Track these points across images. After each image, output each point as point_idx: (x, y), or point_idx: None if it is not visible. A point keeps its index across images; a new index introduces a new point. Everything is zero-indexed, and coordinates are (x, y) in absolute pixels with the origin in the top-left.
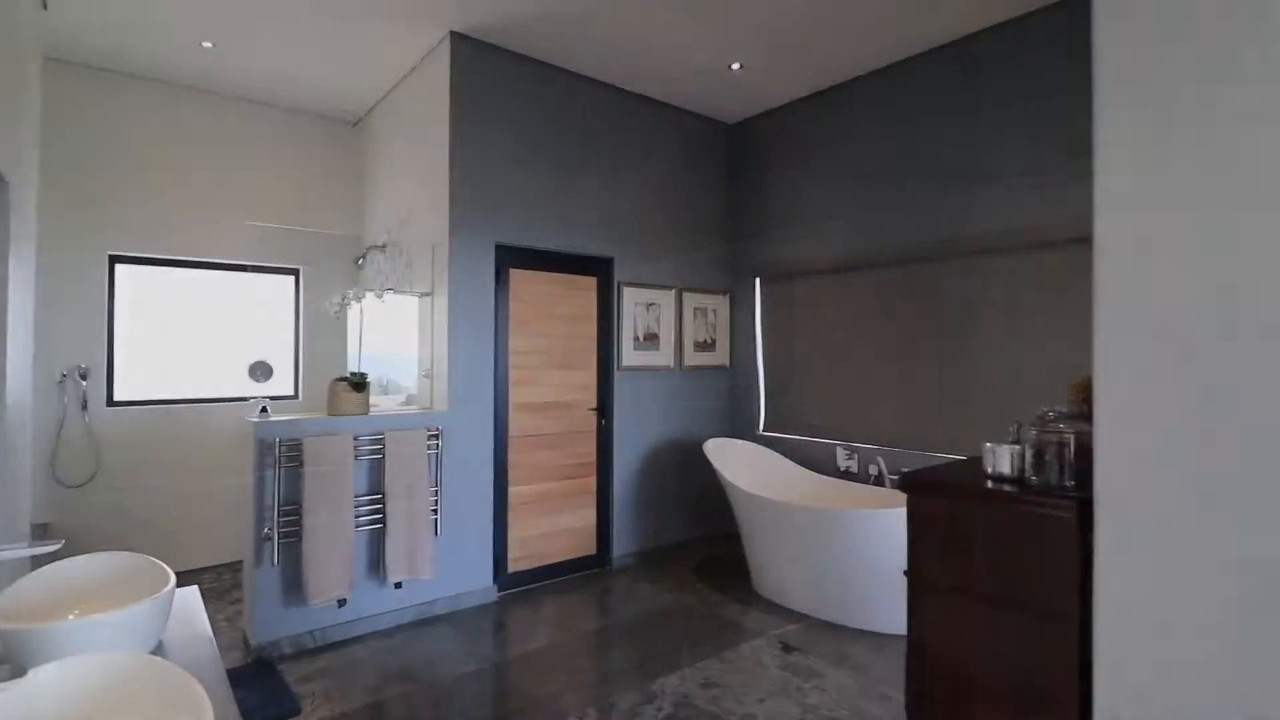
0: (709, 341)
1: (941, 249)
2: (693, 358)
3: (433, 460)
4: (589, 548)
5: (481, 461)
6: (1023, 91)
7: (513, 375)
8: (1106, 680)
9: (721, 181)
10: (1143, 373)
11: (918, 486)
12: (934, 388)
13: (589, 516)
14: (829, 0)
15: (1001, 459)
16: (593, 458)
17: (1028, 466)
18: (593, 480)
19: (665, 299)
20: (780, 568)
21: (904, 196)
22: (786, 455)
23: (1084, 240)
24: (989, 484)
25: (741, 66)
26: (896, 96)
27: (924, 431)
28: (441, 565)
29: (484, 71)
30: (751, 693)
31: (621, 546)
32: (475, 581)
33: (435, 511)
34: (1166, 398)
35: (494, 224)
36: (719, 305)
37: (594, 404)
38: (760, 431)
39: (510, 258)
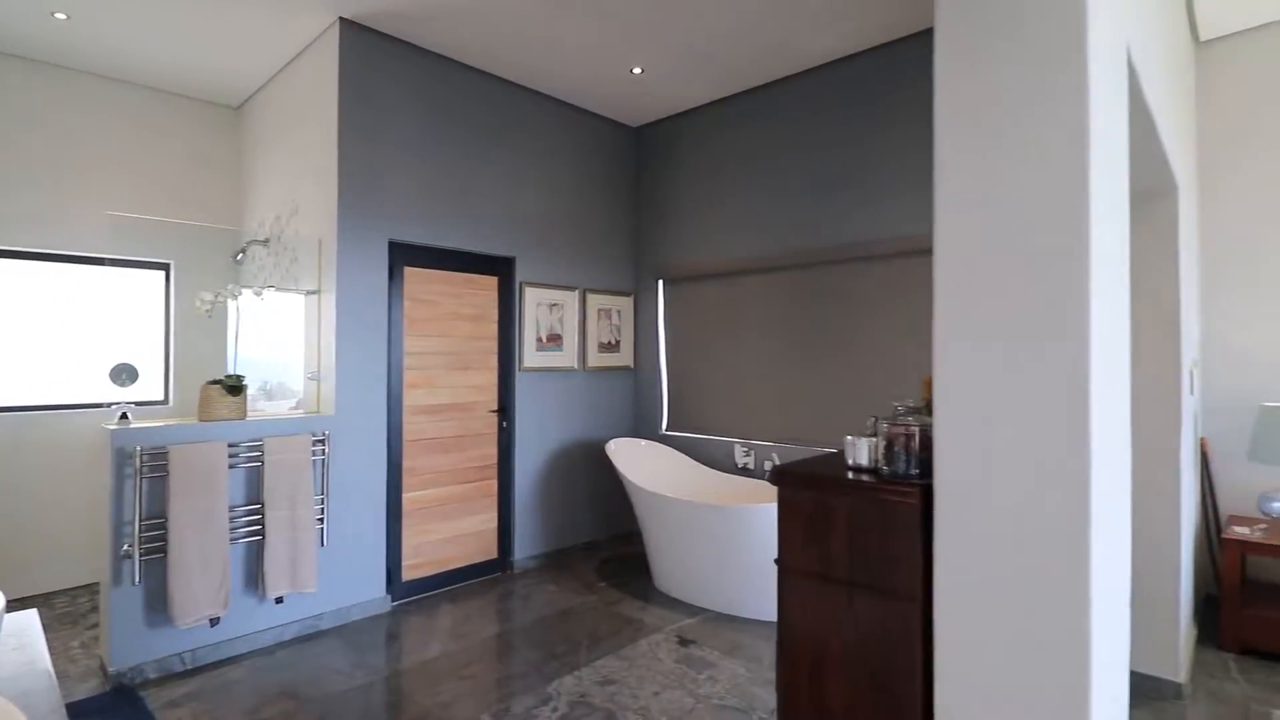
0: (613, 343)
1: (830, 254)
2: (597, 359)
3: (318, 467)
4: (490, 552)
5: (373, 467)
6: (897, 110)
7: (408, 377)
8: (944, 650)
9: (626, 184)
10: (967, 370)
11: (784, 479)
12: (823, 385)
13: (490, 520)
14: (724, 13)
15: (860, 451)
16: (494, 460)
17: (881, 457)
18: (494, 483)
19: (569, 300)
20: (678, 564)
21: (798, 203)
22: (688, 454)
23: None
24: (849, 475)
25: (643, 71)
26: (793, 108)
27: (814, 427)
28: (328, 577)
29: (377, 61)
30: (647, 687)
31: (524, 549)
32: (366, 592)
33: (321, 520)
34: (989, 393)
35: (387, 220)
36: (623, 306)
37: (495, 406)
38: (663, 431)
39: (405, 255)
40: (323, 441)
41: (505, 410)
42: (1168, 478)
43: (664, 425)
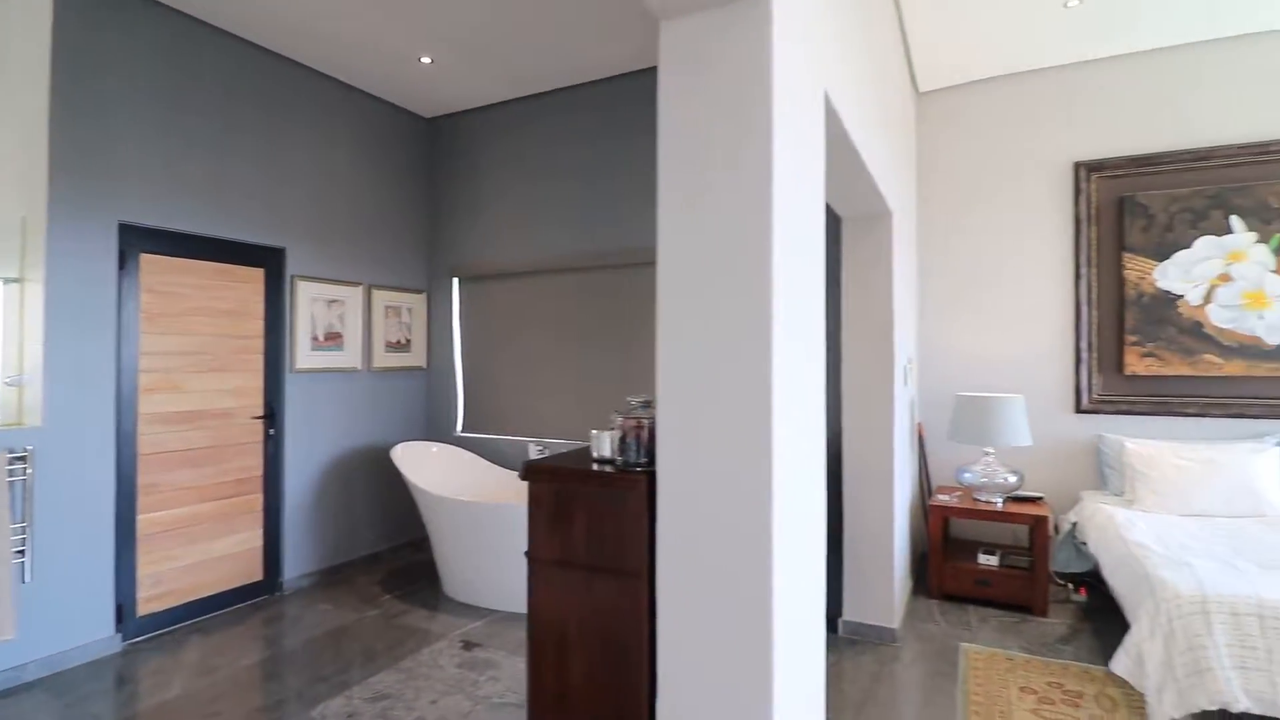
0: (403, 341)
1: (612, 258)
2: (384, 358)
3: (17, 489)
4: (253, 574)
5: (97, 486)
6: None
7: (145, 381)
8: (665, 619)
9: (419, 176)
10: (680, 368)
11: (531, 473)
12: (607, 383)
13: (253, 539)
14: (503, 10)
15: (603, 444)
16: (258, 472)
17: (618, 449)
18: (258, 497)
19: (351, 295)
20: (467, 568)
21: (588, 207)
22: (484, 455)
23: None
24: (594, 467)
25: (432, 61)
26: (582, 115)
27: (601, 423)
28: (34, 619)
29: (107, 14)
30: (424, 696)
31: (296, 567)
32: (88, 633)
33: (22, 553)
34: (697, 389)
35: (118, 199)
36: (415, 304)
37: (260, 411)
38: (458, 433)
39: (142, 241)
40: (24, 459)
41: (273, 416)
42: (883, 457)
43: (459, 427)
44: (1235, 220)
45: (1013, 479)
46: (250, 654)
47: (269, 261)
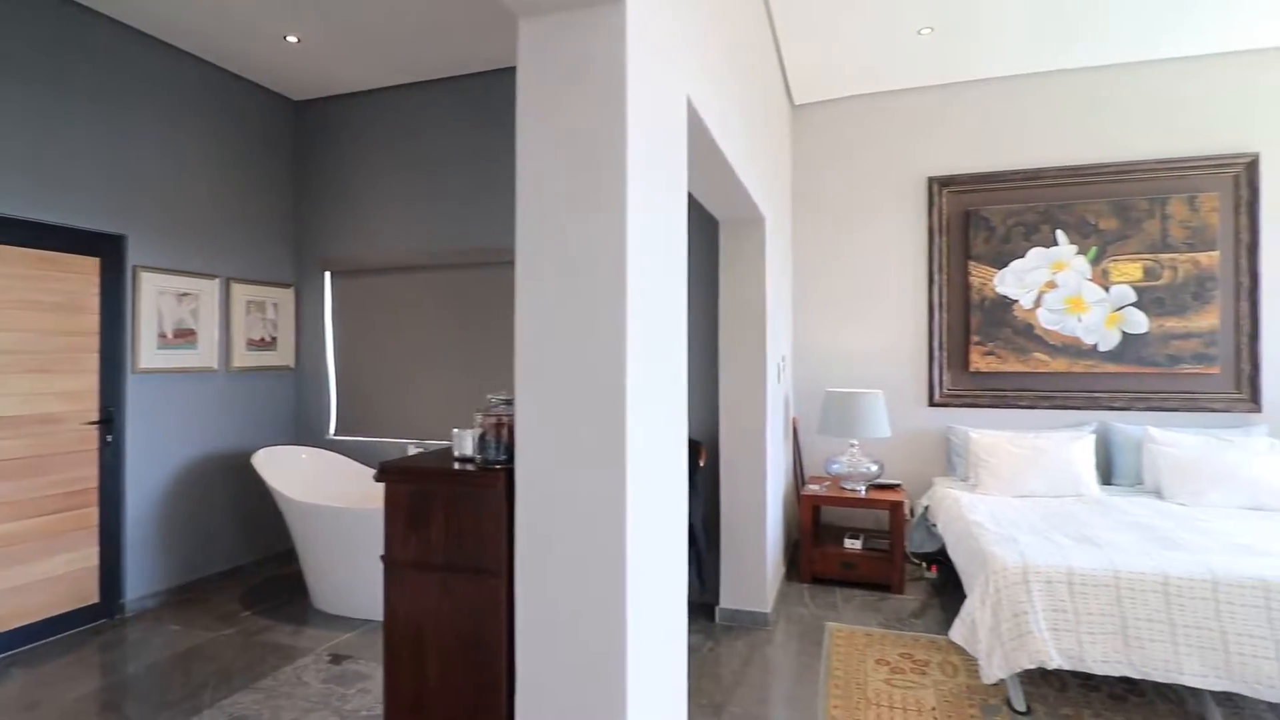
0: (268, 339)
1: (493, 255)
2: (245, 357)
3: None
4: (88, 596)
5: None
6: None
7: None
8: (524, 616)
9: (285, 163)
10: (538, 366)
11: (387, 474)
12: (488, 381)
13: (87, 557)
14: None
15: (464, 442)
16: (93, 483)
17: (479, 446)
18: (93, 511)
19: (206, 289)
20: (338, 577)
21: (468, 203)
22: (360, 458)
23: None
24: (456, 465)
25: (300, 40)
26: (462, 108)
27: None
28: None
29: None
30: (285, 715)
31: (140, 587)
32: None
33: None
34: (553, 387)
35: None
36: (282, 299)
37: (95, 416)
38: (331, 436)
39: None
40: None
41: (110, 421)
42: (756, 452)
43: (332, 430)
44: (1060, 234)
45: (874, 468)
46: (82, 684)
47: (106, 250)
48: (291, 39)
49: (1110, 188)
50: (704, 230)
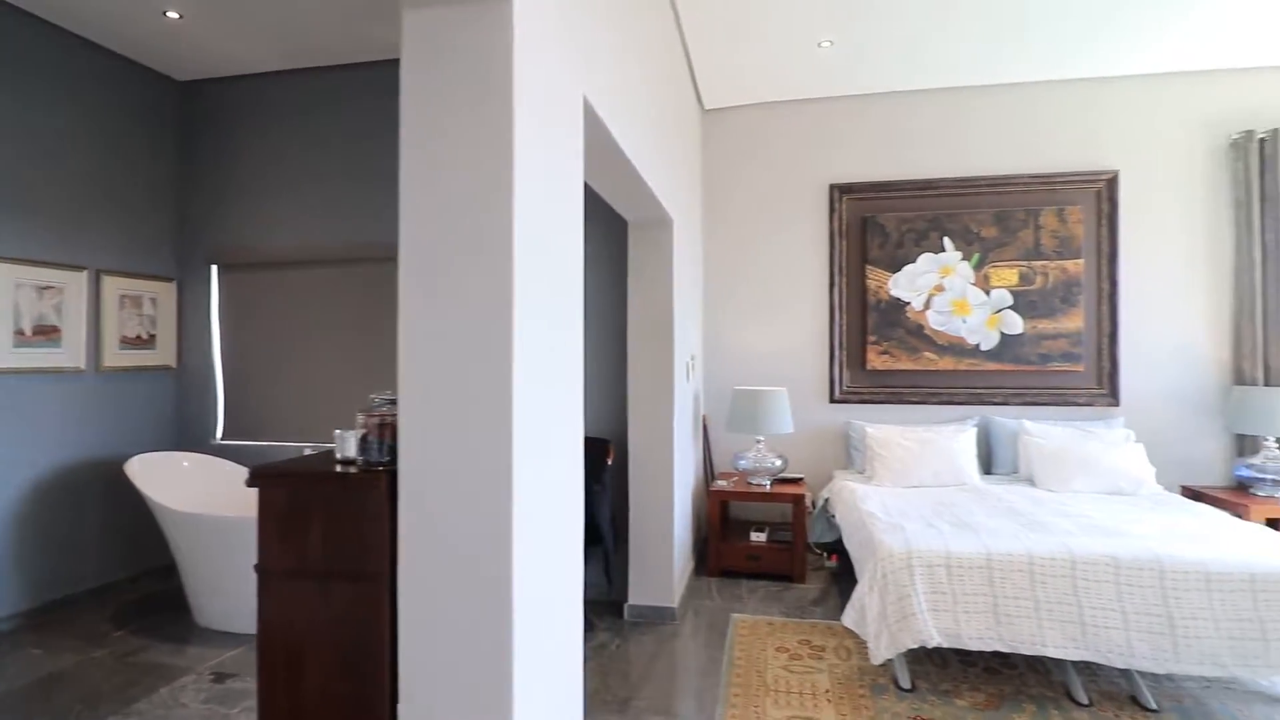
0: (145, 337)
1: (393, 249)
2: (119, 357)
3: None
4: None
5: None
6: None
7: None
8: (407, 622)
9: (169, 148)
10: (421, 366)
11: (261, 478)
12: (390, 382)
13: None
14: None
15: (347, 443)
16: None
17: (360, 448)
18: None
19: (72, 282)
20: (223, 591)
21: (369, 195)
22: (250, 464)
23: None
24: (338, 468)
25: (181, 17)
26: (365, 96)
27: None
28: None
29: None
30: None
31: None
32: None
33: None
34: (438, 386)
35: None
36: (162, 294)
37: None
38: (219, 441)
39: None
40: None
41: None
42: (664, 450)
43: (219, 434)
44: (947, 241)
45: (779, 463)
46: None
47: None
48: (172, 14)
49: (991, 199)
50: (613, 231)
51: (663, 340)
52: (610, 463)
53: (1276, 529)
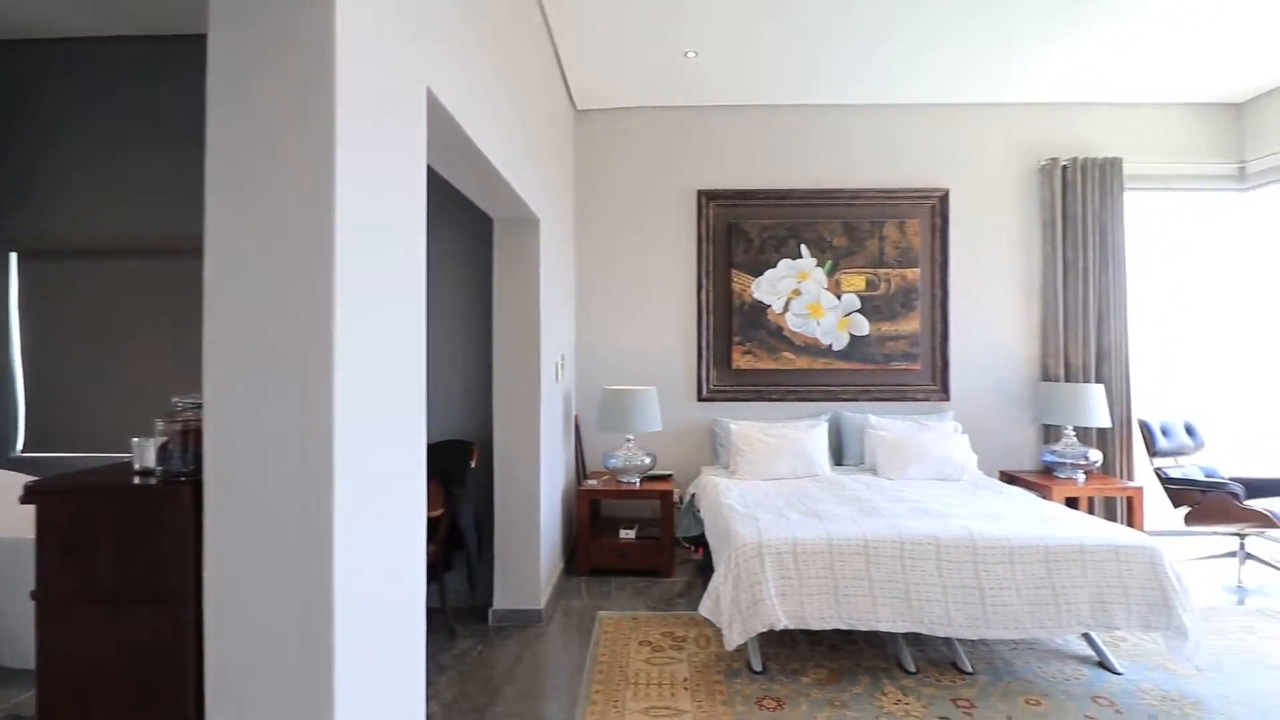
0: None
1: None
2: None
3: None
4: None
5: None
6: None
7: None
8: (213, 647)
9: None
10: (230, 367)
11: (39, 494)
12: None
13: None
14: None
15: (146, 452)
16: None
17: (160, 456)
18: None
19: None
20: (21, 623)
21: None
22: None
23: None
24: (135, 479)
25: None
26: (196, 71)
27: None
28: None
29: None
30: None
31: None
32: None
33: None
34: (248, 389)
35: None
36: None
37: None
38: (19, 453)
39: None
40: None
41: None
42: (530, 451)
43: (19, 446)
44: (804, 248)
45: (648, 460)
46: None
47: None
48: None
49: (843, 210)
50: (479, 229)
51: (530, 340)
52: (474, 465)
53: (1074, 507)
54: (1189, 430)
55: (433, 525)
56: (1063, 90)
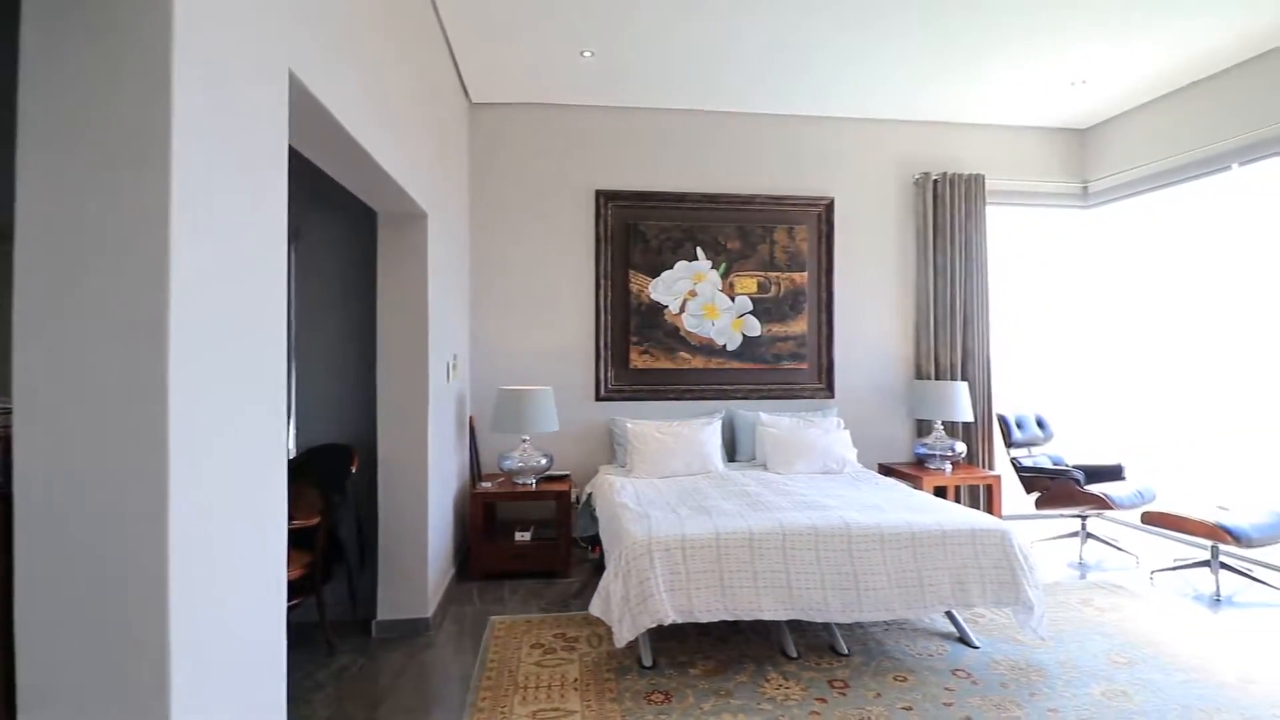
0: None
1: None
2: None
3: None
4: None
5: None
6: None
7: None
8: (25, 682)
9: None
10: (49, 370)
11: None
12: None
13: None
14: None
15: None
16: None
17: None
18: None
19: None
20: None
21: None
22: None
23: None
24: None
25: None
26: None
27: None
28: None
29: None
30: None
31: None
32: None
33: None
34: (70, 396)
35: None
36: None
37: None
38: None
39: None
40: None
41: None
42: (417, 455)
43: None
44: (699, 250)
45: (544, 461)
46: None
47: None
48: None
49: (736, 214)
50: (363, 223)
51: (418, 340)
52: (355, 471)
53: (943, 495)
54: (1040, 423)
55: (309, 535)
56: (937, 111)
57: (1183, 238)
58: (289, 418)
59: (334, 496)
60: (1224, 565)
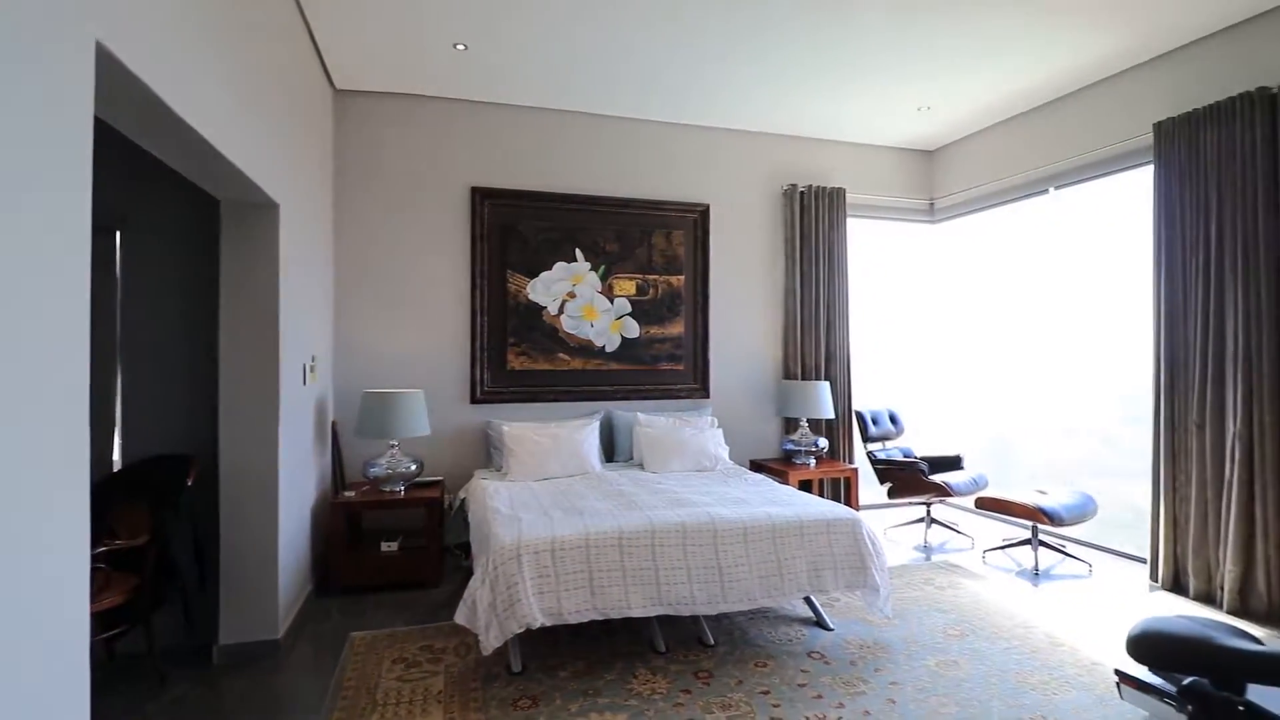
0: None
1: None
2: None
3: None
4: None
5: None
6: None
7: None
8: None
9: None
10: None
11: None
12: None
13: None
14: None
15: None
16: None
17: None
18: None
19: None
20: None
21: None
22: None
23: None
24: None
25: None
26: None
27: None
28: None
29: None
30: None
31: None
32: None
33: None
34: None
35: None
36: None
37: None
38: None
39: None
40: None
41: None
42: (267, 465)
43: None
44: (579, 252)
45: (414, 467)
46: None
47: None
48: None
49: (615, 217)
50: (207, 211)
51: (267, 339)
52: (192, 483)
53: (808, 489)
54: (892, 419)
55: (137, 556)
56: (806, 127)
57: (1012, 252)
58: (115, 426)
59: (166, 512)
60: (1042, 543)
